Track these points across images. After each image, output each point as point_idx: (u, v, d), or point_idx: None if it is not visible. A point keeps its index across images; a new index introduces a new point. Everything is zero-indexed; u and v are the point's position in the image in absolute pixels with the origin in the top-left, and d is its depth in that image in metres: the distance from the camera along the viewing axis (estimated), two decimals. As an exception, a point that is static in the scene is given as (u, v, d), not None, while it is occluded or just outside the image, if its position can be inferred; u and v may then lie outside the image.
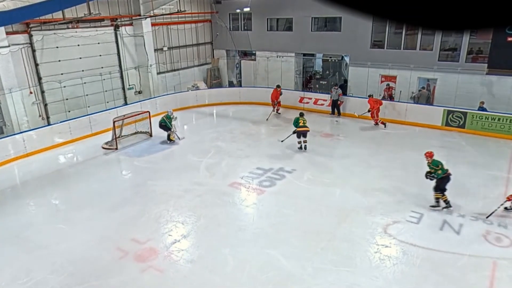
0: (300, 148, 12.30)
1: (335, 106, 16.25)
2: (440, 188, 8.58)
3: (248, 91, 18.85)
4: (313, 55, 20.18)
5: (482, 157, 11.64)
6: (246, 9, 18.88)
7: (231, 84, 22.04)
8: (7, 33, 13.14)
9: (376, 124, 14.70)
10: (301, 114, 12.69)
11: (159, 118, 13.74)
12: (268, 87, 19.12)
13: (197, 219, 8.53)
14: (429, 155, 8.82)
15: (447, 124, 14.18)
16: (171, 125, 13.35)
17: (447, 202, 8.57)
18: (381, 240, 7.58)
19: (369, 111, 14.63)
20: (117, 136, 13.25)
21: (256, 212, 8.91)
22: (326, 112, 16.64)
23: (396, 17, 0.80)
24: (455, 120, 14.04)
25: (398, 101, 15.68)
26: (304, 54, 19.69)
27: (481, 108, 13.76)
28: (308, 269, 6.77)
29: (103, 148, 13.16)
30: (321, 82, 19.89)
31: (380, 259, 7.02)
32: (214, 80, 22.17)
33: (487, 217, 8.32)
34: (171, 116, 13.38)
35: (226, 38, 21.46)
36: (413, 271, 6.72)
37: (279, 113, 16.55)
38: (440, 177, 8.51)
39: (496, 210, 8.31)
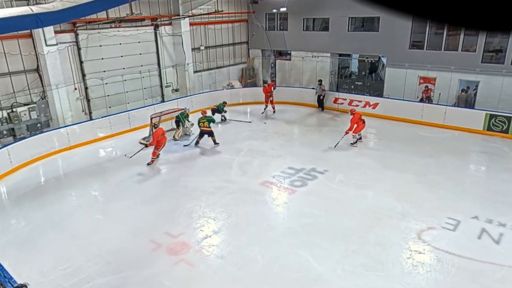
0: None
1: (319, 101, 16.98)
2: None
3: (282, 91, 18.85)
4: (349, 55, 19.88)
5: (527, 164, 11.03)
6: (283, 9, 18.91)
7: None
8: (56, 32, 13.87)
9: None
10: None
11: (194, 115, 14.10)
12: (302, 87, 19.07)
13: (228, 216, 8.62)
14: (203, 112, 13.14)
15: (489, 128, 13.52)
16: (184, 122, 13.73)
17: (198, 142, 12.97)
18: (415, 246, 7.35)
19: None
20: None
21: (287, 212, 8.91)
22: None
23: (438, 17, 0.77)
24: (498, 124, 13.36)
25: (437, 104, 15.15)
26: (340, 55, 19.44)
27: None
28: (337, 272, 6.69)
29: (141, 143, 13.52)
30: (356, 83, 19.56)
31: (413, 265, 6.81)
32: (248, 79, 22.36)
33: (334, 146, 12.06)
34: (187, 113, 13.93)
35: (261, 38, 21.58)
36: (448, 280, 6.47)
37: (274, 111, 17.00)
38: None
39: (339, 142, 12.16)
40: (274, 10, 20.02)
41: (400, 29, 15.95)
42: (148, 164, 11.56)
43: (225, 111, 15.78)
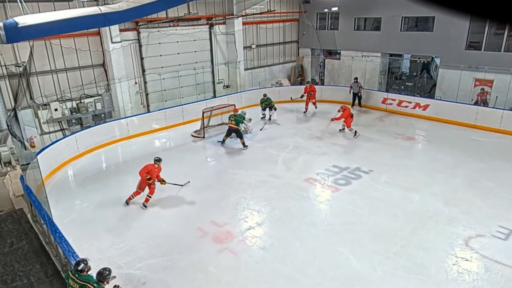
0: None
1: (356, 98, 17.28)
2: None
3: (330, 89, 18.81)
4: (400, 55, 19.35)
5: None
6: (334, 9, 18.80)
7: (313, 83, 22.16)
8: (120, 30, 14.95)
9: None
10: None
11: (243, 111, 14.53)
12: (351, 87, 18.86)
13: (271, 209, 8.83)
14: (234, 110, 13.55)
15: (551, 135, 12.61)
16: (242, 122, 13.83)
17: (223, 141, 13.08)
18: (461, 253, 7.12)
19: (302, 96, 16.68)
20: (205, 126, 14.23)
21: (329, 209, 8.95)
22: (410, 114, 15.97)
23: (499, 16, 0.74)
24: (561, 131, 12.40)
25: (493, 107, 14.37)
26: (391, 55, 18.98)
27: None
28: (378, 272, 6.66)
29: (192, 136, 14.24)
30: (407, 83, 19.02)
31: (458, 272, 6.62)
32: (297, 78, 22.50)
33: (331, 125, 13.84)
34: (244, 116, 13.92)
35: (312, 37, 21.62)
36: (495, 290, 6.24)
37: (316, 107, 17.16)
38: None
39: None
40: (326, 10, 19.95)
41: (456, 29, 15.30)
42: (126, 203, 9.34)
43: (269, 109, 15.71)
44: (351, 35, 19.78)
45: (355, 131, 13.55)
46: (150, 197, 9.28)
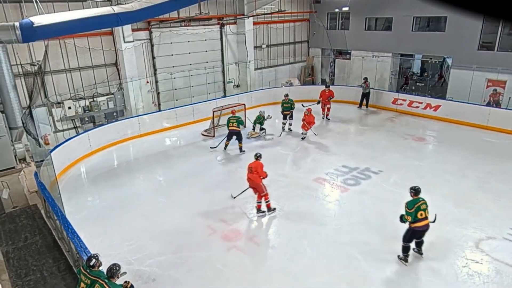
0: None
1: (365, 98, 16.96)
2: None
3: (340, 89, 18.72)
4: (411, 55, 19.19)
5: None
6: (345, 9, 18.75)
7: (323, 82, 22.12)
8: (133, 30, 15.14)
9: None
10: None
11: (253, 110, 14.55)
12: (361, 87, 18.77)
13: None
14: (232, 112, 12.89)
15: None
16: (255, 125, 13.93)
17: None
18: (471, 255, 7.06)
19: (318, 102, 15.70)
20: (215, 124, 14.35)
21: (338, 209, 8.93)
22: (421, 115, 15.83)
23: None
24: None
25: (506, 108, 14.16)
26: (402, 55, 18.85)
27: None
28: (387, 273, 6.65)
29: (203, 134, 14.38)
30: (417, 84, 18.86)
31: (469, 275, 6.56)
32: (307, 78, 22.47)
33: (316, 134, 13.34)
34: (263, 117, 13.89)
35: (322, 37, 21.59)
36: (506, 292, 6.17)
37: (328, 119, 15.80)
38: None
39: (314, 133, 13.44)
40: (336, 10, 19.90)
41: (469, 29, 15.13)
42: (271, 210, 8.69)
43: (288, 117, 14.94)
44: (361, 35, 19.70)
45: (304, 134, 13.40)
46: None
